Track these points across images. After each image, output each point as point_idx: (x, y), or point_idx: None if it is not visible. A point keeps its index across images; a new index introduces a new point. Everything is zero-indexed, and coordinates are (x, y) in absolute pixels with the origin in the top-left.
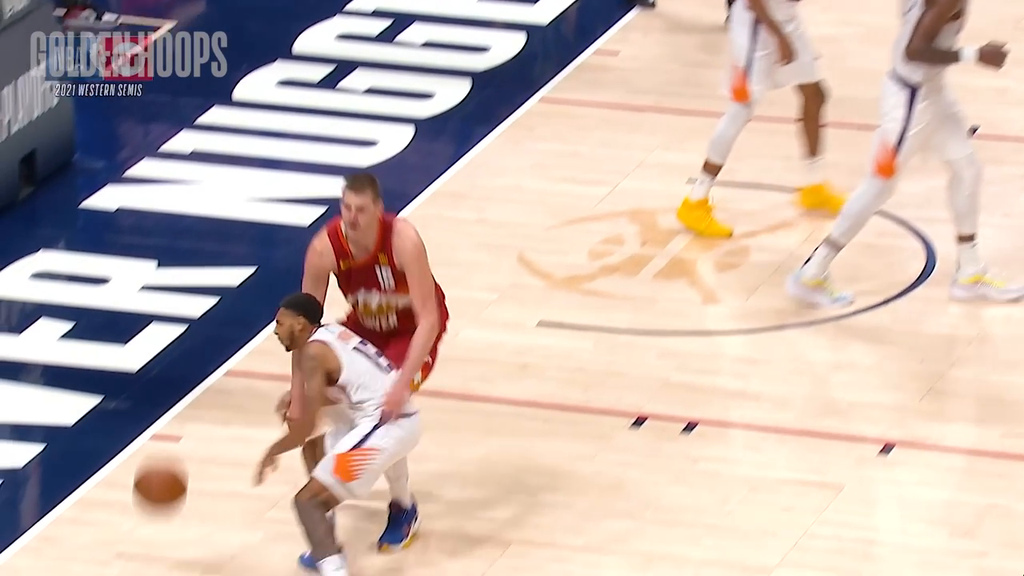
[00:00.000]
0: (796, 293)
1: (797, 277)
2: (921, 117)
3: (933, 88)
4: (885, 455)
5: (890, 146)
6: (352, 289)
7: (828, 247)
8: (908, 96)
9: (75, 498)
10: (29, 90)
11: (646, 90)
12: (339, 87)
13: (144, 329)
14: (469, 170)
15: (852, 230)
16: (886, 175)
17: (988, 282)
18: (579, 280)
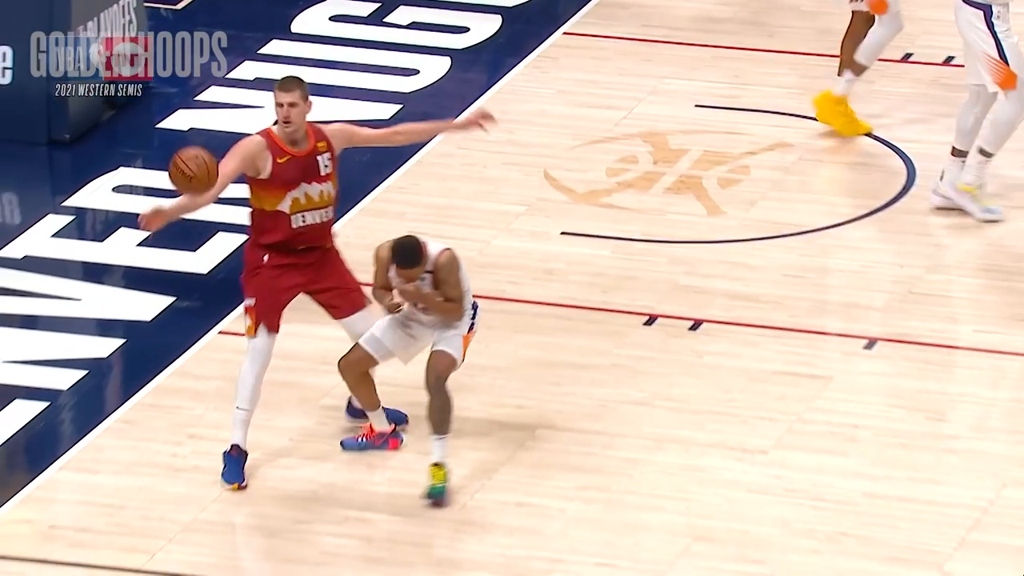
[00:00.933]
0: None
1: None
2: (1002, 28)
3: (1003, 6)
4: (869, 349)
5: (996, 60)
6: (292, 184)
7: (981, 156)
8: (984, 14)
9: (152, 386)
10: (109, 22)
11: (657, 25)
12: (384, 21)
13: (212, 237)
14: (500, 96)
15: (999, 140)
16: (1010, 86)
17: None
18: (598, 194)
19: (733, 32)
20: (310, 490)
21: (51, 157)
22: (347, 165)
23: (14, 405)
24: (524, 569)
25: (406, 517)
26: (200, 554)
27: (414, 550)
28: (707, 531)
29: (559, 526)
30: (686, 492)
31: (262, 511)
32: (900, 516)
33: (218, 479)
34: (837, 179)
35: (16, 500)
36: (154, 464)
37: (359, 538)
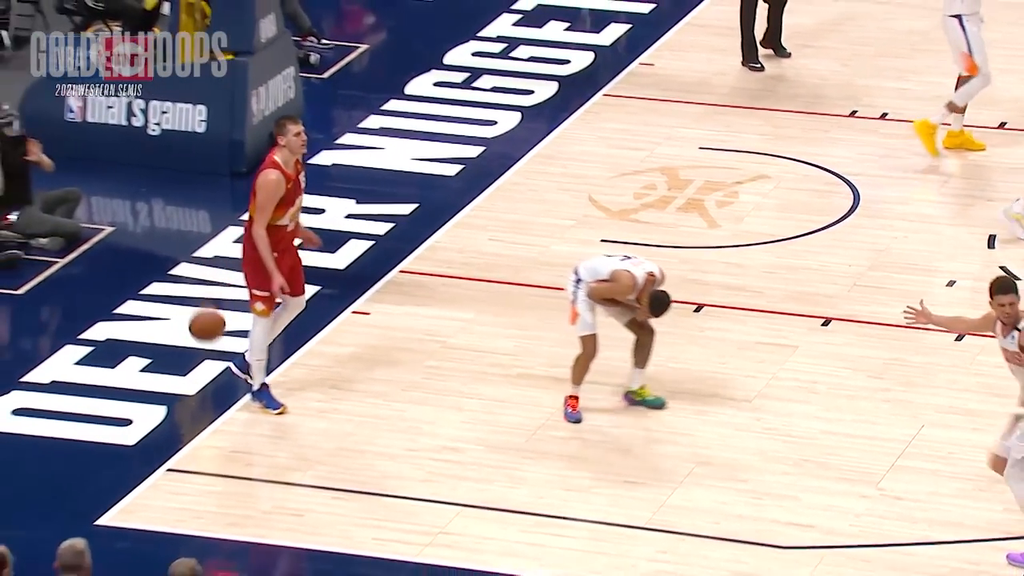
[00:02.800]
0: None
1: (1007, 210)
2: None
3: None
4: (826, 326)
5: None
6: (293, 199)
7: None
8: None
9: (304, 350)
10: (275, 88)
11: (671, 88)
12: (472, 86)
13: (347, 242)
14: (556, 141)
15: None
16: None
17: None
18: (628, 212)
19: (726, 94)
20: (417, 426)
21: (232, 184)
22: (441, 192)
23: (205, 364)
24: (571, 485)
25: (486, 446)
26: (338, 472)
27: (493, 470)
28: (706, 458)
29: (598, 453)
30: (691, 430)
31: (383, 441)
32: (847, 447)
33: (351, 417)
34: (803, 202)
35: (207, 432)
36: (306, 407)
37: (453, 462)
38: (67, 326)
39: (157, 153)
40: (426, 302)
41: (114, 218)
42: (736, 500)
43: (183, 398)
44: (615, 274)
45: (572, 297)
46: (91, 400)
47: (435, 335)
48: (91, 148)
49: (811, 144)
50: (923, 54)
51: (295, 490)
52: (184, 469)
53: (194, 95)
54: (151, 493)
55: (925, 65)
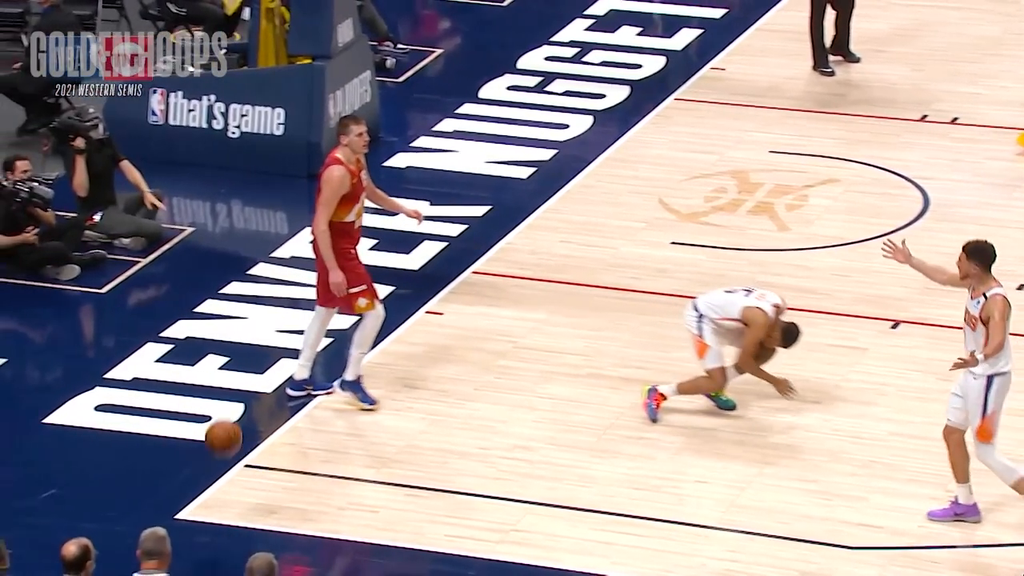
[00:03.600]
0: None
1: None
2: None
3: None
4: (895, 329)
5: None
6: (357, 198)
7: None
8: None
9: (379, 349)
10: (351, 91)
11: (742, 93)
12: (545, 90)
13: (421, 243)
14: (628, 144)
15: None
16: None
17: None
18: (698, 215)
19: (796, 98)
20: (489, 425)
21: (309, 187)
22: (514, 194)
23: (282, 362)
24: (641, 484)
25: (557, 445)
26: (412, 469)
27: (564, 469)
28: (774, 459)
29: (668, 453)
30: (761, 431)
31: (455, 440)
32: (915, 449)
33: (424, 416)
34: (872, 205)
35: (284, 429)
36: (380, 405)
37: (525, 461)
38: (149, 324)
39: (236, 155)
40: (498, 302)
41: (194, 219)
42: (805, 500)
43: (260, 395)
44: (749, 315)
45: (697, 332)
46: (171, 397)
47: (507, 335)
48: (172, 150)
49: (881, 148)
50: (994, 59)
51: (369, 487)
52: (261, 465)
53: (273, 98)
54: (229, 488)
55: (997, 70)
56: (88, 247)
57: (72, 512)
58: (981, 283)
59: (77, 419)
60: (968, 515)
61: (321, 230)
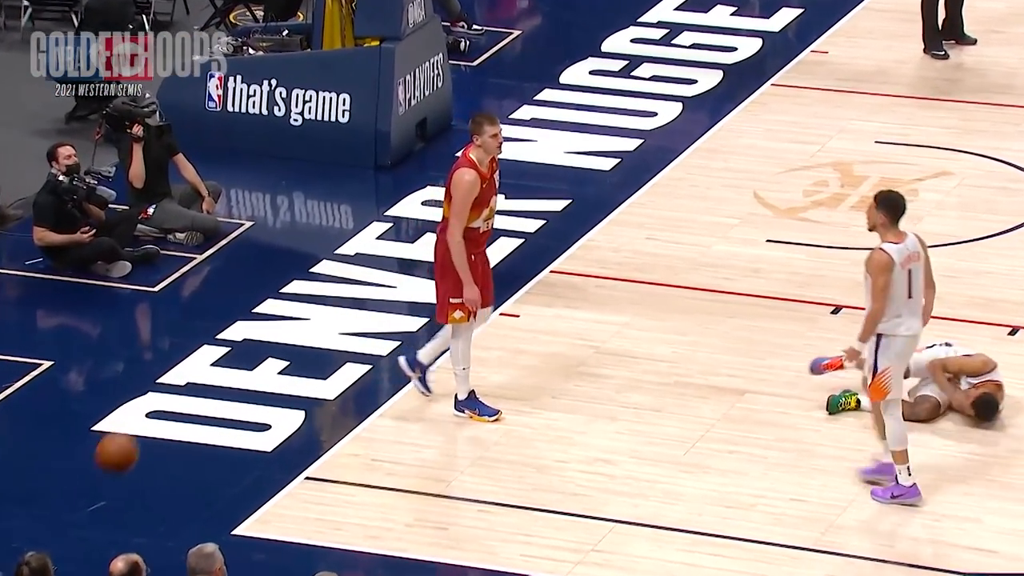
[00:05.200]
0: None
1: None
2: None
3: None
4: (1013, 336)
5: None
6: (487, 202)
7: None
8: None
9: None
10: (423, 75)
11: (845, 78)
12: (631, 75)
13: (496, 240)
14: (720, 133)
15: None
16: None
17: None
18: (796, 211)
19: (905, 84)
20: (567, 436)
21: (376, 178)
22: (596, 187)
23: (346, 367)
24: (732, 502)
25: (640, 459)
26: (485, 484)
27: (648, 485)
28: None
29: (761, 469)
30: (863, 445)
31: (531, 452)
32: None
33: (498, 426)
34: (988, 200)
35: (347, 439)
36: (449, 414)
37: (605, 475)
38: (204, 325)
39: (299, 144)
40: (578, 304)
41: (253, 213)
42: (912, 521)
43: (323, 402)
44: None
45: None
46: (228, 403)
47: (587, 339)
48: (231, 139)
49: (999, 138)
50: None
51: (438, 502)
52: (323, 477)
53: (338, 83)
54: (288, 502)
55: None
56: (140, 242)
57: (122, 526)
58: (884, 236)
59: (128, 426)
60: (906, 497)
61: (457, 241)
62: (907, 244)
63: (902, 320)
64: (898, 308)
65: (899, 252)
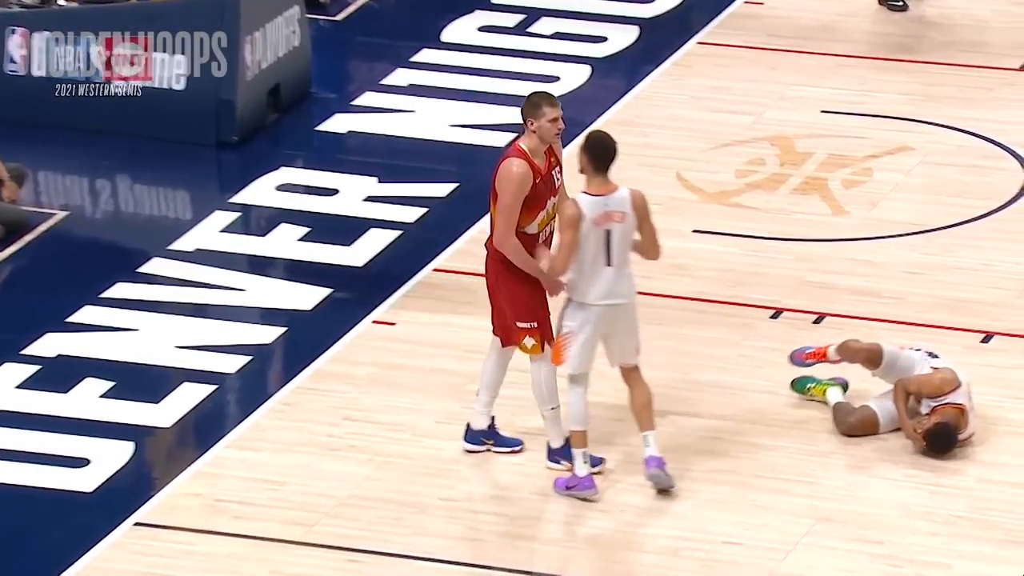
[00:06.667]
0: None
1: None
2: None
3: None
4: (986, 343)
5: None
6: (543, 202)
7: None
8: None
9: (310, 370)
10: (274, 33)
11: (784, 35)
12: (528, 31)
13: (366, 233)
14: (636, 102)
15: None
16: None
17: None
18: (727, 195)
19: (856, 41)
20: (455, 469)
21: (219, 158)
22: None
23: (184, 388)
24: (654, 546)
25: (544, 496)
26: (355, 528)
27: (552, 526)
28: (829, 513)
29: (689, 506)
30: (810, 476)
31: (412, 488)
32: (1014, 501)
33: (372, 458)
34: (956, 181)
35: (186, 475)
36: (312, 443)
37: (501, 515)
38: (6, 339)
39: (123, 117)
40: (468, 309)
41: (68, 201)
42: (869, 567)
43: (155, 431)
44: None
45: None
46: (37, 434)
47: (479, 351)
48: (38, 110)
49: (969, 106)
50: None
51: (298, 551)
52: (156, 523)
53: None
54: (113, 553)
55: None
56: None
57: None
58: (586, 184)
59: None
60: (579, 489)
61: (512, 244)
62: (610, 199)
63: (595, 287)
64: (591, 272)
65: (593, 206)
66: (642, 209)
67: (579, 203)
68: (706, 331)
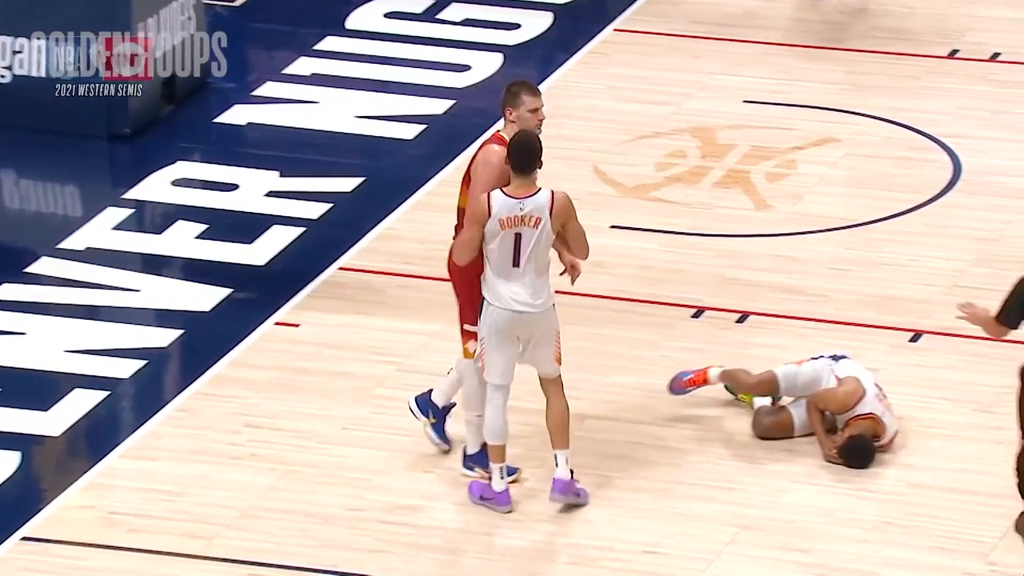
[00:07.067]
0: None
1: None
2: None
3: None
4: (915, 342)
5: None
6: None
7: None
8: None
9: (209, 375)
10: (169, 19)
11: (706, 21)
12: (437, 18)
13: (268, 230)
14: (551, 92)
15: None
16: None
17: None
18: (646, 188)
19: (781, 28)
20: (363, 478)
21: (111, 151)
22: (396, 161)
23: (75, 394)
24: (572, 556)
25: (456, 505)
26: (256, 540)
27: (464, 537)
28: (753, 520)
29: (608, 514)
30: (733, 482)
31: (317, 498)
32: (945, 506)
33: (275, 467)
34: (883, 174)
35: (78, 487)
36: (211, 452)
37: (411, 526)
38: None
39: (6, 108)
40: (374, 310)
41: None
42: None
43: (43, 440)
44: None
45: None
46: None
47: (387, 354)
48: None
49: (896, 96)
50: None
51: (197, 565)
52: (45, 537)
53: (58, 27)
54: None
55: None
56: None
57: None
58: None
59: None
60: (495, 503)
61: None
62: (526, 203)
63: (503, 291)
64: (499, 273)
65: (505, 207)
66: (563, 213)
67: (491, 200)
68: (625, 331)
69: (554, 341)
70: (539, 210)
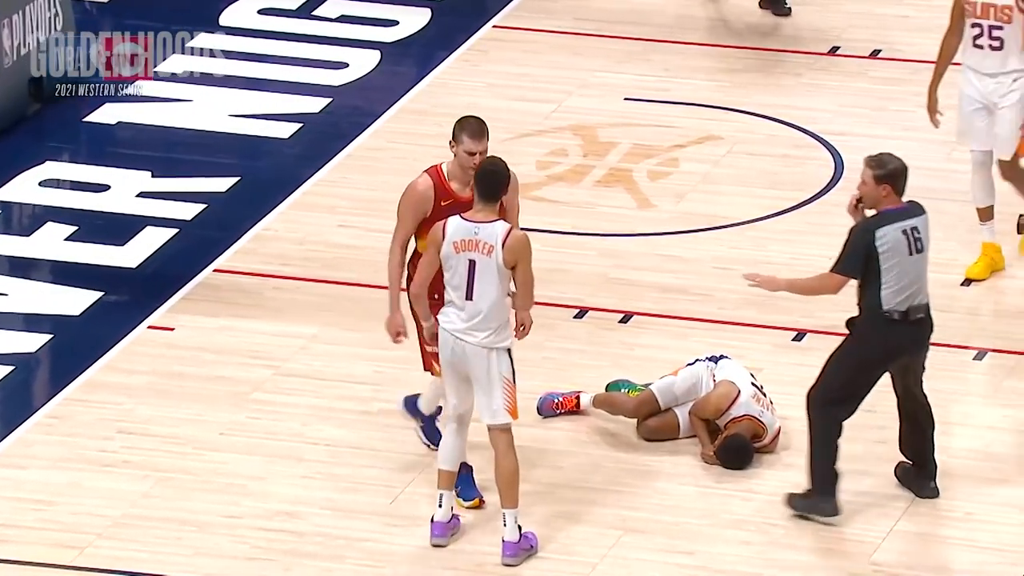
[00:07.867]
0: None
1: None
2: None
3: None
4: (798, 341)
5: None
6: None
7: None
8: None
9: (80, 380)
10: (34, 16)
11: (587, 18)
12: (313, 15)
13: (140, 231)
14: (429, 89)
15: None
16: None
17: None
18: (528, 188)
19: (663, 26)
20: (240, 484)
21: None
22: (272, 161)
23: None
24: (454, 562)
25: (335, 511)
26: (130, 549)
27: (345, 544)
28: (637, 523)
29: (489, 519)
30: (617, 484)
31: (192, 505)
32: None
33: (149, 474)
34: (766, 172)
35: None
36: (83, 459)
37: (290, 532)
38: None
39: None
40: (251, 312)
41: None
42: None
43: None
44: None
45: None
46: None
47: (264, 358)
48: None
49: (778, 93)
50: None
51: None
52: None
53: None
54: None
55: None
56: None
57: None
58: None
59: None
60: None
61: (392, 252)
62: (482, 228)
63: (450, 312)
64: (453, 302)
65: (460, 230)
66: (517, 249)
67: (446, 223)
68: None
69: (498, 387)
70: (493, 237)
